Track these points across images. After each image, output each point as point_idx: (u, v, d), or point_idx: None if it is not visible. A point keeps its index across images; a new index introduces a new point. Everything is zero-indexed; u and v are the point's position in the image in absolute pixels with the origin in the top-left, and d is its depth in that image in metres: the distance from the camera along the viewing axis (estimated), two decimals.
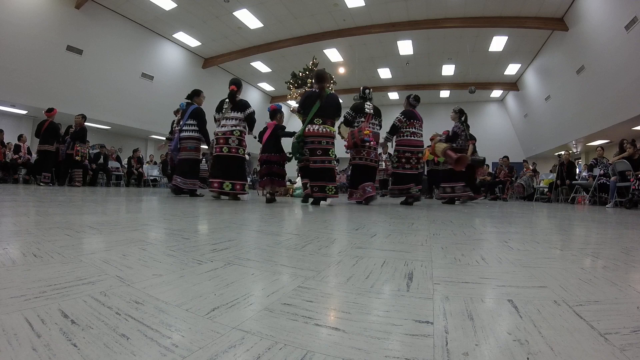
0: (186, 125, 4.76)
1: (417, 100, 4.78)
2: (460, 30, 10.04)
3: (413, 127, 4.63)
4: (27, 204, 2.48)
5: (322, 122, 3.80)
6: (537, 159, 13.91)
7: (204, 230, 1.48)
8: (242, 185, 4.24)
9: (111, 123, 11.25)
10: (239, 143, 4.26)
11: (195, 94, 4.90)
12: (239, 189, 4.20)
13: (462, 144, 5.45)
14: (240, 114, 4.26)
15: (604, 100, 8.42)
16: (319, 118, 3.79)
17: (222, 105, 4.38)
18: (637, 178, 5.43)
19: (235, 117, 4.25)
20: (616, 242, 1.52)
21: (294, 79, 7.62)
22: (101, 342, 0.43)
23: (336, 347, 0.44)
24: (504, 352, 0.44)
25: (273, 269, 0.86)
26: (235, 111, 4.26)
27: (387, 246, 1.24)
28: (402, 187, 4.63)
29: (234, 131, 4.22)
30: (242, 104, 4.29)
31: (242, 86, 4.44)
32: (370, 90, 4.64)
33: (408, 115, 4.63)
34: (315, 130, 3.78)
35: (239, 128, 4.26)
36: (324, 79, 3.99)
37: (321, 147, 3.79)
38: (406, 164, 4.60)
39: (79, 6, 8.73)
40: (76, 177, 7.22)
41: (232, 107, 4.27)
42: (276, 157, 4.13)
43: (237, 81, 4.35)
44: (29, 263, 0.80)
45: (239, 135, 4.25)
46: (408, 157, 4.59)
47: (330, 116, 3.93)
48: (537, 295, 0.69)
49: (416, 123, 4.66)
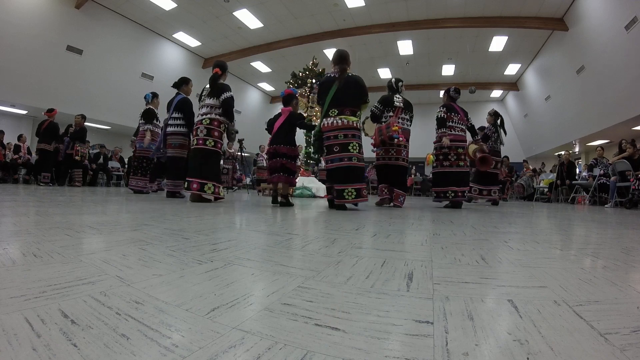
0: (172, 119, 4.21)
1: (457, 92, 4.44)
2: (460, 30, 10.04)
3: (451, 121, 4.26)
4: (27, 204, 2.48)
5: (337, 113, 3.16)
6: (537, 159, 13.92)
7: (204, 230, 1.48)
8: (199, 184, 3.50)
9: (111, 123, 11.25)
10: (208, 133, 3.61)
11: (183, 82, 4.36)
12: (194, 189, 3.50)
13: (492, 146, 5.49)
14: (215, 100, 3.64)
15: (604, 100, 8.43)
16: (334, 108, 3.18)
17: (202, 92, 3.82)
18: (637, 178, 5.43)
19: (208, 104, 3.66)
20: (616, 242, 1.52)
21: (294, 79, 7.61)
22: (101, 342, 0.43)
23: (336, 347, 0.44)
24: (504, 352, 0.44)
25: (273, 269, 0.86)
26: (210, 97, 3.67)
27: (387, 246, 1.24)
28: (443, 189, 4.19)
29: (203, 120, 3.63)
30: (218, 88, 3.66)
31: (227, 70, 3.86)
32: (402, 83, 4.25)
33: (447, 108, 4.32)
34: (330, 124, 3.16)
35: (210, 116, 3.64)
36: (345, 59, 3.34)
37: (338, 143, 3.13)
38: (444, 161, 4.21)
39: (79, 6, 8.73)
40: (76, 177, 7.23)
41: (209, 92, 3.70)
42: (286, 148, 3.42)
43: (220, 63, 3.78)
44: (29, 263, 0.80)
45: (208, 124, 3.62)
46: (446, 153, 4.19)
47: (349, 103, 3.21)
48: (537, 295, 0.69)
49: (455, 116, 4.29)
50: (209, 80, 3.71)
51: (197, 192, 3.50)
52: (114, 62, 10.05)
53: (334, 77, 3.26)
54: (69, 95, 9.17)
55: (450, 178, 4.17)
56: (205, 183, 3.53)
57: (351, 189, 3.10)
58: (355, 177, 3.15)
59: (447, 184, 4.17)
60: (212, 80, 3.69)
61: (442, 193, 4.23)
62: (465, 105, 4.75)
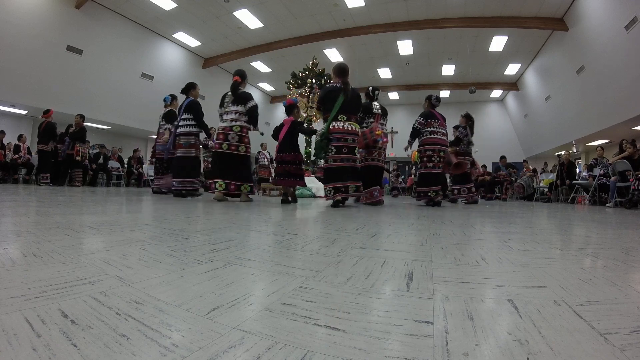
0: (182, 120, 4.48)
1: (438, 100, 4.77)
2: (460, 30, 10.04)
3: (431, 127, 4.59)
4: (27, 204, 2.48)
5: (346, 119, 3.61)
6: (537, 159, 13.92)
7: (204, 230, 1.48)
8: (236, 186, 3.86)
9: (111, 123, 11.26)
10: (240, 140, 3.92)
11: (190, 87, 4.64)
12: (232, 189, 3.84)
13: (464, 149, 5.67)
14: (241, 107, 3.95)
15: (604, 100, 8.43)
16: (343, 114, 3.59)
17: (224, 98, 4.10)
18: (637, 178, 5.43)
19: (235, 111, 3.94)
20: (616, 242, 1.52)
21: (294, 79, 7.61)
22: (101, 342, 0.43)
23: (336, 347, 0.44)
24: (504, 352, 0.44)
25: (273, 269, 0.86)
26: (236, 104, 3.96)
27: (387, 246, 1.24)
28: (427, 188, 4.50)
29: (233, 126, 3.90)
30: (243, 96, 3.98)
31: (246, 78, 4.16)
32: (379, 91, 4.67)
33: (426, 116, 4.64)
34: (341, 127, 3.57)
35: (239, 123, 3.93)
36: (346, 72, 3.77)
37: (347, 145, 3.58)
38: (428, 162, 4.54)
39: (79, 6, 8.73)
40: (76, 177, 7.23)
41: (233, 99, 3.98)
42: (291, 155, 3.86)
43: (240, 72, 4.08)
44: (29, 263, 0.80)
45: (239, 131, 3.91)
46: (430, 155, 4.53)
47: (355, 112, 3.77)
48: (537, 295, 0.69)
49: (435, 122, 4.61)
50: (230, 87, 4.00)
51: (235, 192, 3.89)
52: (114, 62, 10.05)
53: (340, 87, 3.65)
54: (69, 95, 9.17)
55: (432, 179, 4.50)
56: (242, 184, 3.93)
57: (354, 185, 3.59)
58: (358, 177, 3.71)
59: (429, 184, 4.49)
60: (233, 88, 3.98)
61: (423, 192, 4.54)
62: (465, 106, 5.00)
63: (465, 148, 5.67)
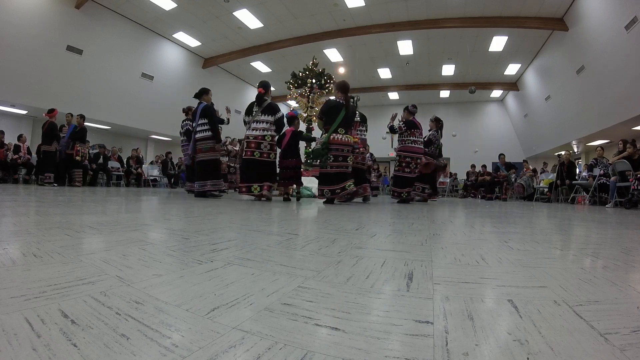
0: (199, 126, 4.70)
1: (415, 107, 5.29)
2: (460, 30, 10.04)
3: (413, 136, 5.14)
4: (27, 204, 2.48)
5: (345, 132, 4.15)
6: (537, 159, 13.92)
7: (204, 230, 1.48)
8: (269, 187, 4.33)
9: (111, 123, 11.25)
10: (271, 148, 4.35)
11: (203, 92, 4.84)
12: (267, 189, 4.29)
13: (433, 151, 5.91)
14: (271, 117, 4.33)
15: (604, 100, 8.42)
16: (342, 128, 4.13)
17: (251, 108, 4.43)
18: (637, 178, 5.42)
19: (266, 121, 4.31)
20: (616, 242, 1.52)
21: (294, 79, 7.61)
22: (101, 342, 0.43)
23: (336, 347, 0.44)
24: (504, 352, 0.44)
25: (273, 269, 0.86)
26: (265, 114, 4.32)
27: (387, 246, 1.24)
28: (401, 190, 5.15)
29: (265, 136, 4.29)
30: (272, 107, 4.36)
31: (270, 88, 4.49)
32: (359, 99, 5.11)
33: (409, 125, 5.15)
34: (340, 139, 4.12)
35: (270, 132, 4.32)
36: (348, 89, 4.26)
37: (343, 155, 4.14)
38: (406, 168, 5.11)
39: (79, 6, 8.73)
40: (76, 177, 7.22)
41: (262, 110, 4.32)
42: (293, 162, 4.50)
43: (264, 84, 4.42)
44: (29, 263, 0.80)
45: (270, 140, 4.33)
46: (408, 162, 5.11)
47: (350, 126, 4.34)
48: (537, 295, 0.69)
49: (416, 132, 5.16)
50: (256, 99, 4.40)
51: (268, 192, 4.32)
52: (114, 62, 10.04)
53: (342, 103, 4.17)
54: (69, 95, 9.16)
55: (406, 182, 5.15)
56: (272, 185, 4.45)
57: (350, 183, 4.15)
58: (350, 176, 4.25)
59: (404, 186, 5.14)
60: (258, 99, 4.36)
61: (397, 193, 5.21)
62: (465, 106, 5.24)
63: (434, 151, 5.93)
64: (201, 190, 4.60)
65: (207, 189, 4.63)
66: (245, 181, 4.32)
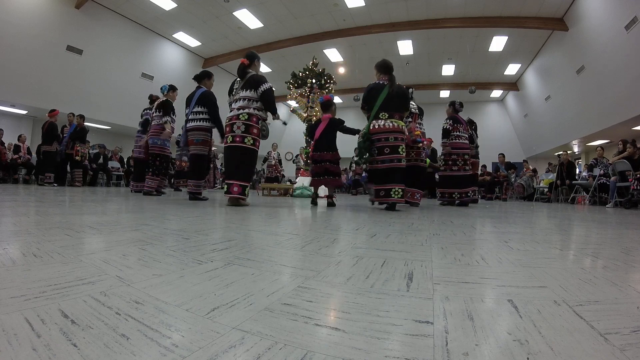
0: (192, 114, 3.90)
1: (461, 105, 5.03)
2: (460, 30, 10.04)
3: (457, 131, 4.86)
4: (27, 204, 2.48)
5: (388, 116, 3.36)
6: (537, 159, 13.91)
7: (204, 230, 1.48)
8: (240, 188, 3.20)
9: (111, 123, 11.25)
10: (246, 129, 3.23)
11: (205, 76, 4.07)
12: (235, 192, 3.18)
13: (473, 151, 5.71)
14: (252, 92, 3.28)
15: (604, 100, 8.42)
16: (384, 112, 3.36)
17: (232, 85, 3.51)
18: (637, 178, 5.43)
19: (244, 97, 3.29)
20: (616, 242, 1.52)
21: (294, 79, 7.60)
22: (101, 342, 0.43)
23: (336, 347, 0.44)
24: (504, 352, 0.44)
25: (273, 269, 0.86)
26: (245, 89, 3.31)
27: (387, 246, 1.24)
28: (450, 190, 4.78)
29: (240, 115, 3.25)
30: (254, 80, 3.32)
31: (256, 59, 3.49)
32: (413, 90, 4.59)
33: (454, 120, 4.88)
34: (381, 126, 3.35)
35: (248, 110, 3.26)
36: (391, 68, 3.50)
37: (389, 145, 3.33)
38: (453, 165, 4.79)
39: (79, 6, 8.73)
40: (76, 177, 7.23)
41: (242, 84, 3.36)
42: (330, 155, 3.64)
43: (250, 53, 3.47)
44: (29, 263, 0.80)
45: (246, 119, 3.23)
46: (455, 159, 4.80)
47: (398, 109, 3.43)
48: (537, 295, 0.69)
49: (460, 127, 4.88)
50: (237, 71, 3.40)
51: (238, 195, 3.21)
52: (114, 62, 10.04)
53: (384, 84, 3.41)
54: (69, 95, 9.16)
55: (457, 181, 4.74)
56: (246, 186, 3.29)
57: (398, 188, 3.28)
58: (400, 178, 3.34)
59: (455, 186, 4.74)
60: (240, 72, 3.38)
61: (448, 194, 4.81)
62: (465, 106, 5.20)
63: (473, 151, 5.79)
64: (195, 192, 4.00)
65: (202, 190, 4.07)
66: (227, 177, 3.35)
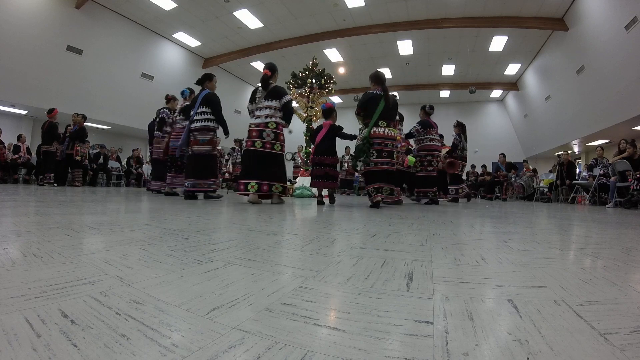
0: (197, 114, 4.06)
1: (432, 109, 5.33)
2: (460, 30, 10.04)
3: (430, 135, 5.22)
4: (27, 204, 2.48)
5: (386, 125, 3.74)
6: (537, 159, 13.91)
7: (204, 230, 1.48)
8: (268, 186, 3.60)
9: (111, 123, 11.25)
10: (275, 137, 3.68)
11: (207, 78, 4.27)
12: (264, 190, 3.58)
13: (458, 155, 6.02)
14: (276, 102, 3.71)
15: (604, 100, 8.42)
16: (383, 120, 3.71)
17: (255, 94, 3.83)
18: (637, 178, 5.42)
19: (269, 106, 3.69)
20: (616, 242, 1.52)
21: (294, 79, 7.59)
22: (101, 342, 0.43)
23: (336, 347, 0.44)
24: (504, 352, 0.44)
25: (273, 269, 0.86)
26: (269, 99, 3.71)
27: (387, 246, 1.24)
28: (427, 189, 5.11)
29: (268, 123, 3.66)
30: (277, 91, 3.74)
31: (277, 71, 3.89)
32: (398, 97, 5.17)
33: (424, 125, 5.22)
34: (381, 132, 3.70)
35: (275, 119, 3.69)
36: (384, 80, 3.90)
37: (387, 150, 3.71)
38: (428, 166, 5.15)
39: (79, 6, 8.73)
40: (76, 177, 7.23)
41: (265, 95, 3.72)
42: (330, 159, 3.99)
43: (271, 65, 3.85)
44: (29, 263, 0.80)
45: (274, 128, 3.68)
46: (430, 160, 5.16)
47: (393, 118, 3.89)
48: (537, 295, 0.69)
49: (432, 130, 5.23)
50: (260, 81, 3.79)
51: (267, 192, 3.63)
52: (114, 62, 10.04)
53: (381, 94, 3.75)
54: (69, 95, 9.17)
55: (431, 181, 5.12)
56: (274, 184, 3.69)
57: (387, 187, 3.67)
58: (393, 180, 3.79)
59: (431, 185, 5.10)
60: (263, 82, 3.75)
61: (424, 192, 5.17)
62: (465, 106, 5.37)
63: (459, 154, 6.07)
64: (192, 190, 4.00)
65: (202, 188, 4.05)
66: (244, 177, 3.66)
